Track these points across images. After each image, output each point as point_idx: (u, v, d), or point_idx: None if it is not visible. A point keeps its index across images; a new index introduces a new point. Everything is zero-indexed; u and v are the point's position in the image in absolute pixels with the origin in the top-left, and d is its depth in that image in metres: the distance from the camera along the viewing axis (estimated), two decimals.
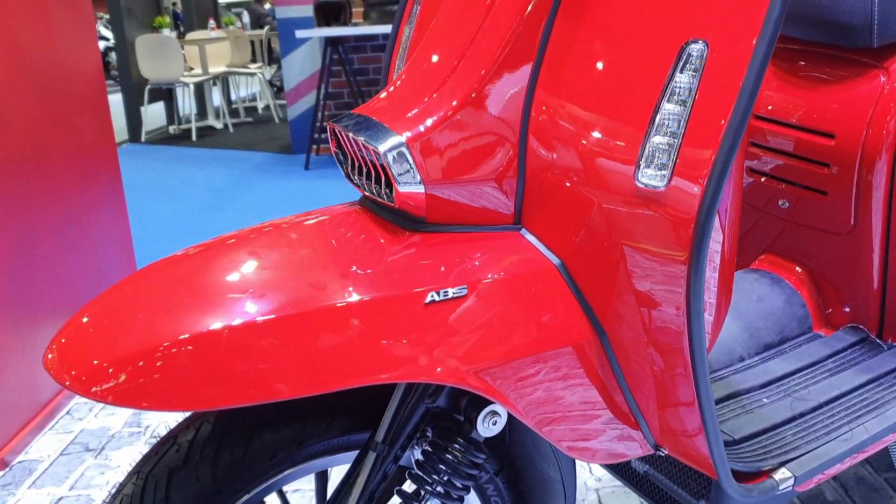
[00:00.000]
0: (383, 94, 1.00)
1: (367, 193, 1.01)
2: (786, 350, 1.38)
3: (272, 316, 0.84)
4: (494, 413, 0.99)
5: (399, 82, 1.00)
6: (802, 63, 1.41)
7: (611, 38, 0.93)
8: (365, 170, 0.99)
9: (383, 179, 0.96)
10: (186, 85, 7.81)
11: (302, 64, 6.36)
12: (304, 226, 1.00)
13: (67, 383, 0.83)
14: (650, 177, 0.88)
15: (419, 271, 0.92)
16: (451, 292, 0.91)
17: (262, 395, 0.82)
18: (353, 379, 0.85)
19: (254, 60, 9.97)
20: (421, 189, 0.94)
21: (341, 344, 0.85)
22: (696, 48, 0.86)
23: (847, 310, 1.44)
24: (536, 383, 0.96)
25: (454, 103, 0.94)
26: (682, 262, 0.88)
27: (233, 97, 9.81)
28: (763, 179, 1.48)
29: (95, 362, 0.83)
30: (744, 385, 1.28)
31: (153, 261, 0.98)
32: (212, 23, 8.72)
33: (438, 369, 0.88)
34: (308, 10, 6.11)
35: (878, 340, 1.40)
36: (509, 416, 1.03)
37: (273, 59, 10.58)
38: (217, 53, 8.71)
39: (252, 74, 8.74)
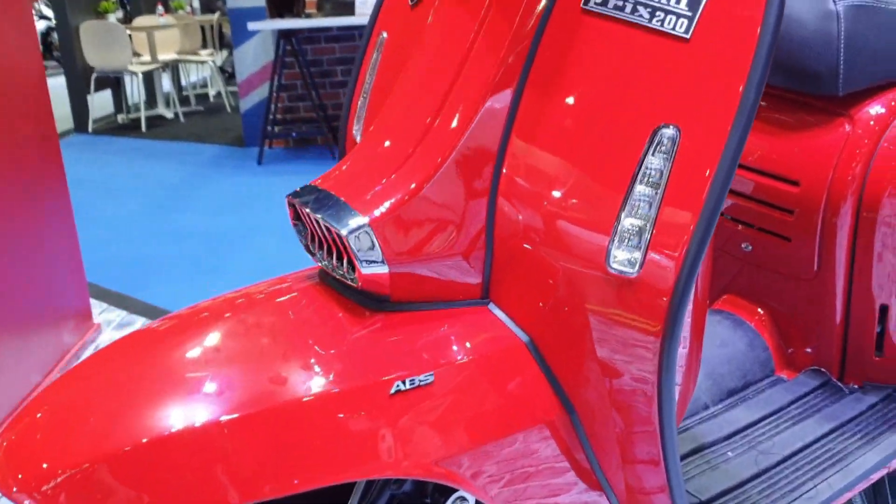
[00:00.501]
0: (344, 166, 0.96)
1: (327, 269, 0.97)
2: (749, 396, 1.38)
3: (234, 416, 0.80)
4: (463, 499, 0.97)
5: (361, 153, 0.96)
6: (767, 106, 1.40)
7: (582, 117, 0.90)
8: (325, 245, 0.95)
9: (345, 258, 0.92)
10: (135, 74, 7.60)
11: (254, 55, 6.23)
12: (265, 306, 0.95)
13: (14, 490, 0.79)
14: (621, 262, 0.86)
15: (384, 358, 0.89)
16: (417, 380, 0.88)
17: (222, 501, 0.79)
18: (317, 480, 0.82)
19: (204, 46, 9.75)
20: (385, 269, 0.90)
21: (304, 443, 0.82)
22: (667, 133, 0.84)
23: (809, 351, 1.44)
24: (504, 466, 0.94)
25: (419, 181, 0.90)
26: (656, 334, 0.86)
27: (183, 82, 9.58)
28: (726, 221, 1.47)
29: (45, 466, 0.78)
30: (709, 437, 1.27)
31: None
32: (160, 8, 8.48)
33: (404, 464, 0.85)
34: (260, 0, 5.98)
35: (839, 384, 1.41)
36: None
37: (224, 44, 10.35)
38: (166, 40, 8.48)
39: (203, 62, 8.54)
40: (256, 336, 0.89)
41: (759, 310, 1.48)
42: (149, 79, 8.29)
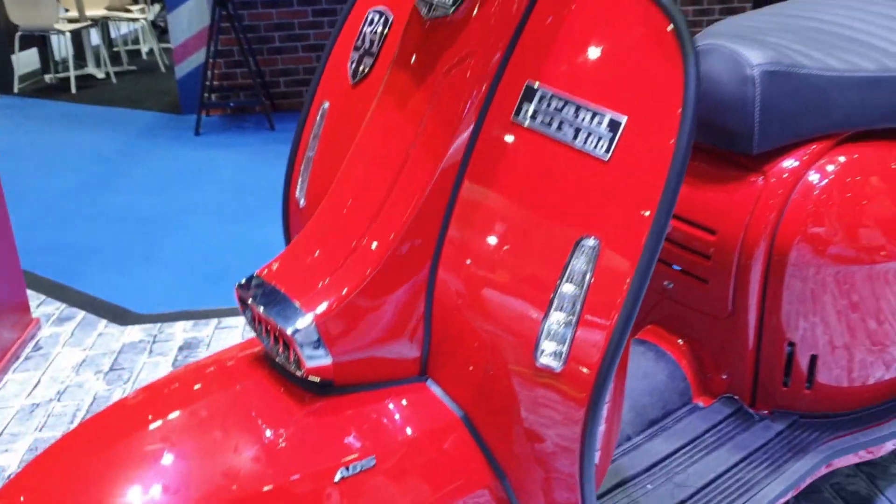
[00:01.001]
0: (288, 258, 1.01)
1: (272, 355, 1.02)
2: (668, 425, 1.49)
3: None
4: None
5: (304, 243, 1.01)
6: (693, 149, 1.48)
7: (513, 222, 0.96)
8: (272, 334, 1.00)
9: (291, 349, 0.97)
10: (62, 32, 7.33)
11: (189, 19, 6.07)
12: (215, 396, 1.00)
13: None
14: (548, 355, 0.93)
15: (328, 445, 0.95)
16: (360, 466, 0.95)
17: None
18: None
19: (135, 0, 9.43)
20: (328, 361, 0.96)
21: None
22: (589, 243, 0.91)
23: (724, 377, 1.56)
24: None
25: (361, 277, 0.96)
26: (580, 402, 0.94)
27: (112, 35, 9.27)
28: None
29: None
30: (630, 471, 1.38)
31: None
32: None
33: None
34: None
35: (750, 411, 1.52)
36: None
37: None
38: None
39: (135, 20, 8.28)
40: (209, 429, 0.95)
41: (679, 340, 1.58)
42: (77, 36, 8.02)
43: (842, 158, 1.40)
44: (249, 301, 0.98)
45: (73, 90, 7.27)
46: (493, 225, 0.97)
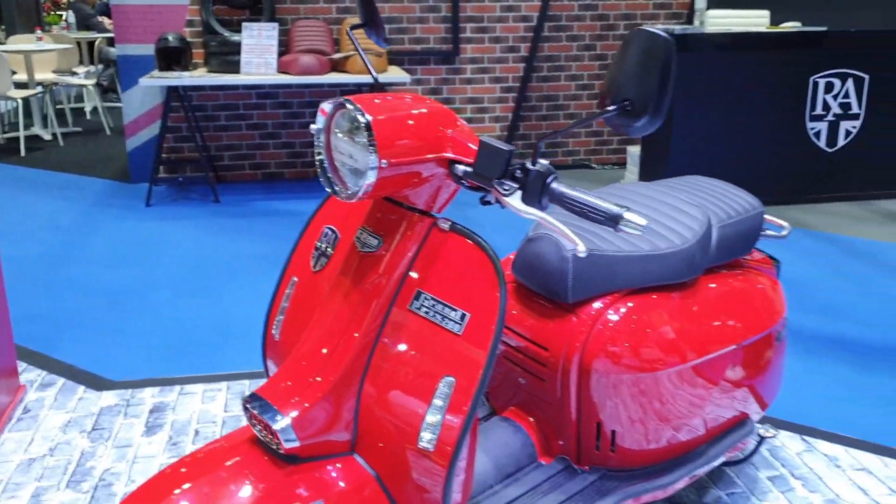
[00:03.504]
0: (275, 382, 1.68)
1: (261, 438, 1.68)
2: (519, 477, 2.20)
3: None
4: None
5: (284, 374, 1.69)
6: (534, 298, 2.23)
7: (405, 365, 1.66)
8: (264, 427, 1.67)
9: (275, 437, 1.64)
10: (14, 99, 7.81)
11: (142, 99, 6.67)
12: (226, 465, 1.66)
13: None
14: (426, 442, 1.63)
15: (294, 493, 1.61)
16: None
17: None
18: None
19: (81, 62, 9.92)
20: (297, 444, 1.64)
21: None
22: (449, 379, 1.61)
23: (560, 443, 2.28)
24: None
25: (320, 394, 1.64)
26: (443, 466, 1.63)
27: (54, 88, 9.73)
28: (509, 364, 2.29)
29: None
30: None
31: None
32: (39, 32, 8.66)
33: None
34: (149, 49, 6.44)
35: (575, 467, 2.25)
36: None
37: (100, 58, 10.53)
38: (43, 58, 8.70)
39: (83, 85, 8.79)
40: (226, 482, 1.60)
41: (531, 418, 2.30)
42: (25, 99, 8.49)
43: (629, 304, 2.16)
44: (251, 408, 1.65)
45: (23, 153, 7.73)
46: (394, 366, 1.67)
